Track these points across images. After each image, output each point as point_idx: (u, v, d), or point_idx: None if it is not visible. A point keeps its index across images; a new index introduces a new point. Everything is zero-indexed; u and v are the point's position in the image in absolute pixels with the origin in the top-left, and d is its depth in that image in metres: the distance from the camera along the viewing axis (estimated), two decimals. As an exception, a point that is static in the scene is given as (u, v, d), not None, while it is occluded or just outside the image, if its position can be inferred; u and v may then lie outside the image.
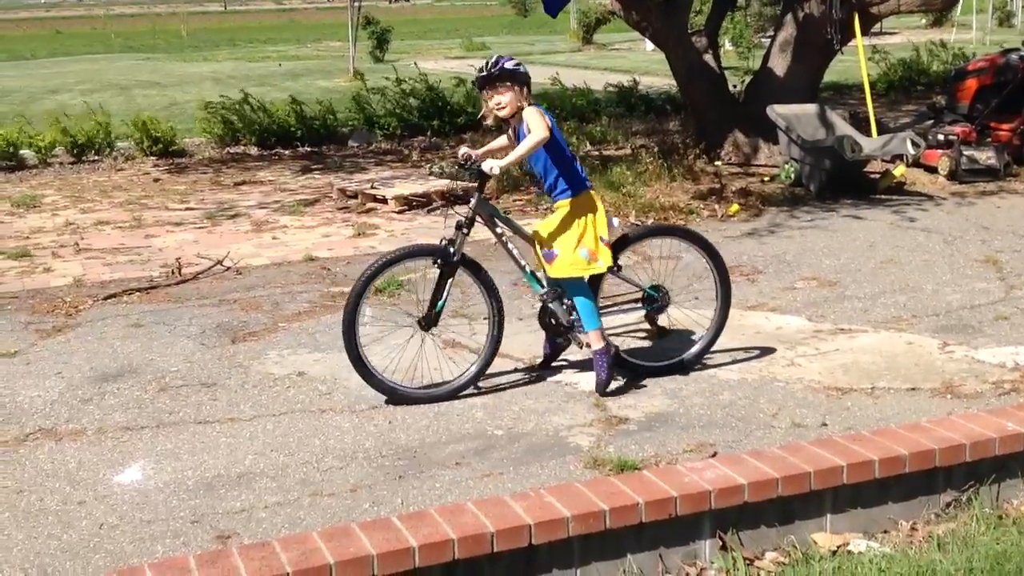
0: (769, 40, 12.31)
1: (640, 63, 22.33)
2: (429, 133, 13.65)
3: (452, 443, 4.63)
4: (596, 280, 5.25)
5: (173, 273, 7.43)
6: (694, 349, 5.44)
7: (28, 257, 8.06)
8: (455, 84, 14.57)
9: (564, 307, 5.23)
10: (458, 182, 4.96)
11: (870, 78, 11.27)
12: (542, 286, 5.29)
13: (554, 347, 5.48)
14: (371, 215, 9.36)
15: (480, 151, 5.33)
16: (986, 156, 10.17)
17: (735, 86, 12.71)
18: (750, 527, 3.88)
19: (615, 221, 5.60)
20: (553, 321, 5.30)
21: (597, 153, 11.40)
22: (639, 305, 5.43)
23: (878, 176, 9.90)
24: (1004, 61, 10.83)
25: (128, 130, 12.87)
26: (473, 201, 5.18)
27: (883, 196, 9.52)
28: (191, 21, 47.25)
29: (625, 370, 5.31)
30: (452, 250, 5.08)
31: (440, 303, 5.12)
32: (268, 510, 4.05)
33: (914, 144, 9.68)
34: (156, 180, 11.37)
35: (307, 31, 42.59)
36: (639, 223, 8.47)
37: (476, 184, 5.22)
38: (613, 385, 5.15)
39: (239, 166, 12.17)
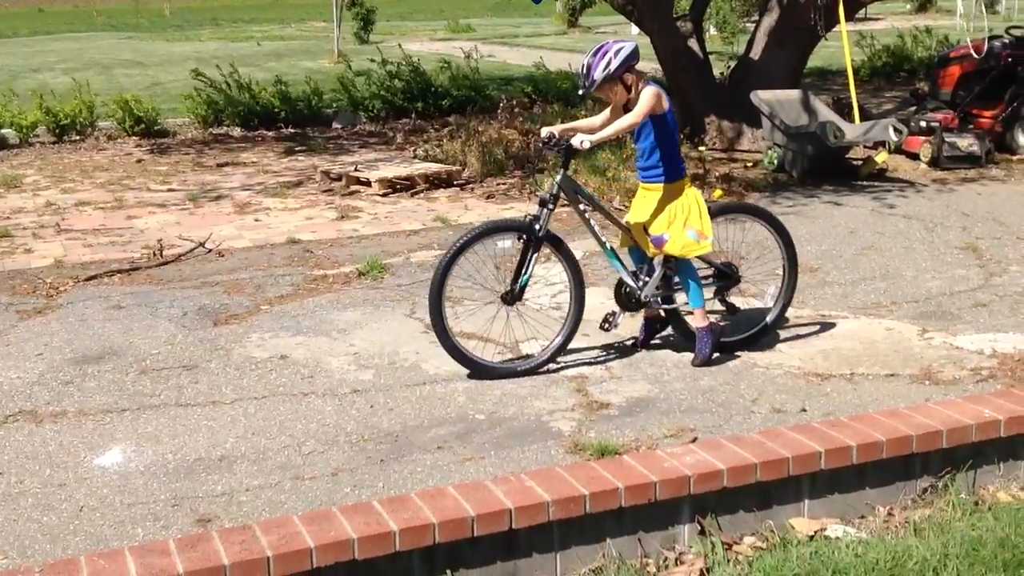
0: (754, 25, 12.31)
1: (625, 47, 22.29)
2: (414, 115, 13.62)
3: (434, 427, 4.64)
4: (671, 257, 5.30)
5: (155, 255, 7.40)
6: (764, 322, 5.57)
7: (8, 238, 8.02)
8: (440, 66, 14.54)
9: (644, 282, 5.31)
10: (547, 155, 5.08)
11: (854, 64, 11.29)
12: (621, 262, 5.35)
13: (650, 330, 5.54)
14: (355, 198, 9.34)
15: (559, 127, 5.36)
16: (968, 143, 10.22)
17: (721, 72, 12.71)
18: (728, 512, 3.91)
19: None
20: (626, 292, 5.37)
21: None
22: (711, 282, 5.52)
23: (860, 162, 9.94)
24: (987, 48, 10.87)
25: (110, 110, 12.80)
26: (558, 178, 5.21)
27: (865, 182, 9.56)
28: (174, 0, 46.89)
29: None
30: (537, 226, 5.10)
31: (524, 278, 5.17)
32: (249, 493, 4.06)
33: (896, 131, 9.72)
34: (138, 161, 11.32)
35: (291, 11, 42.35)
36: (623, 208, 8.48)
37: (561, 161, 5.26)
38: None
39: (222, 147, 12.12)
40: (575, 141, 5.04)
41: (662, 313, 5.46)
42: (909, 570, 3.56)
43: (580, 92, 5.33)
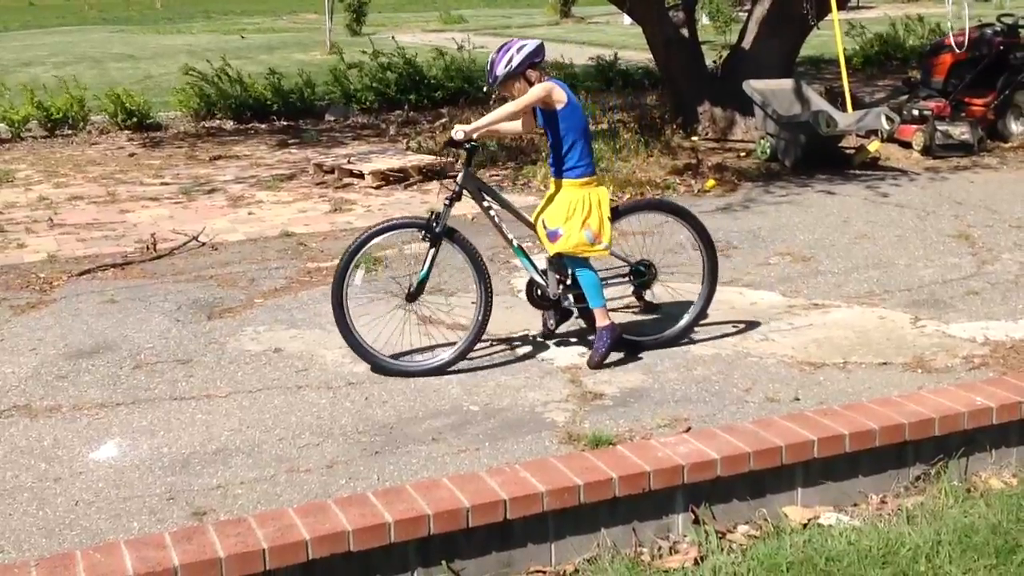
0: (746, 15, 12.31)
1: (618, 37, 22.29)
2: (406, 107, 13.60)
3: (428, 419, 4.65)
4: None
5: (148, 249, 7.40)
6: (681, 323, 5.48)
7: (1, 232, 8.01)
8: (433, 58, 14.52)
9: (555, 279, 5.26)
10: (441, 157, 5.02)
11: (846, 53, 11.30)
12: (530, 261, 5.32)
13: (562, 314, 5.47)
14: (348, 190, 9.34)
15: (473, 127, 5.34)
16: (960, 131, 10.24)
17: (713, 61, 12.72)
18: (722, 501, 3.92)
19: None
20: (539, 293, 5.34)
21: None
22: (626, 280, 5.47)
23: (853, 151, 9.95)
24: (979, 36, 10.88)
25: (103, 104, 12.77)
26: (461, 175, 5.20)
27: (858, 171, 9.58)
28: (166, -7, 46.74)
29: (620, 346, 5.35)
30: (438, 223, 5.09)
31: (423, 275, 5.15)
32: (244, 486, 4.07)
33: (889, 119, 9.73)
34: (131, 154, 11.30)
35: (283, 3, 42.17)
36: (616, 198, 8.49)
37: (464, 158, 5.23)
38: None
39: (215, 140, 12.11)
40: (453, 133, 5.03)
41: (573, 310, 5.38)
42: (902, 557, 3.58)
43: (485, 89, 5.34)
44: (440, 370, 5.11)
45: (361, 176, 9.57)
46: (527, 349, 5.44)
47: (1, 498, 4.01)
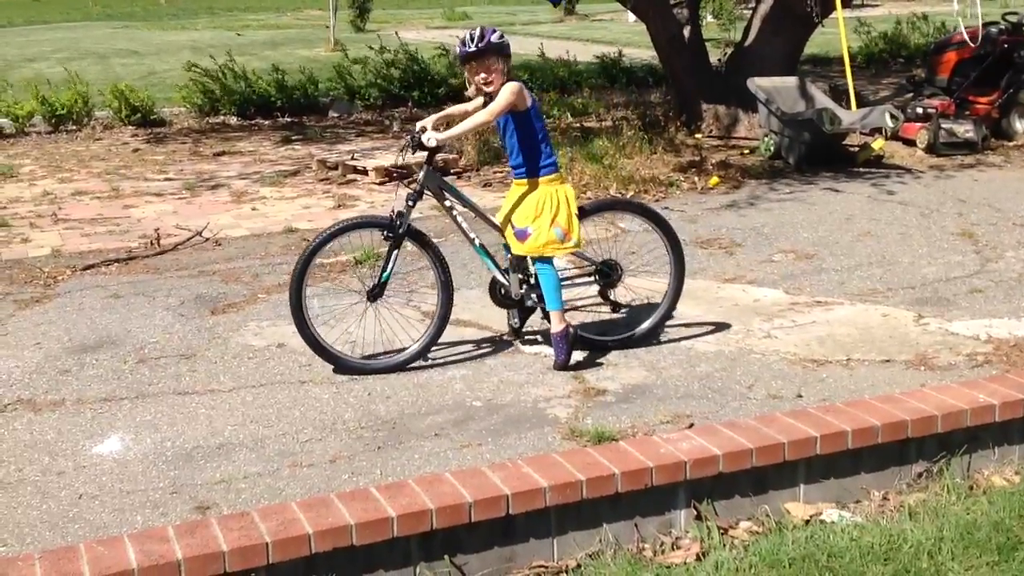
0: (751, 12, 12.30)
1: (622, 34, 22.28)
2: (410, 104, 13.61)
3: (431, 414, 4.65)
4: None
5: (152, 244, 7.41)
6: (647, 323, 5.46)
7: (5, 227, 8.02)
8: (437, 54, 14.52)
9: (519, 279, 5.24)
10: (407, 154, 5.01)
11: (851, 51, 11.29)
12: (492, 260, 5.30)
13: (525, 312, 5.43)
14: (351, 186, 9.35)
15: (432, 118, 5.32)
16: (964, 129, 10.22)
17: (718, 59, 12.71)
18: (724, 497, 3.93)
19: None
20: (503, 292, 5.32)
21: (579, 125, 11.40)
22: (592, 280, 5.45)
23: (857, 149, 9.94)
24: (984, 34, 10.86)
25: (107, 99, 12.78)
26: (421, 174, 5.19)
27: (862, 169, 9.57)
28: (170, -11, 46.74)
29: (582, 344, 5.34)
30: (399, 222, 5.08)
31: (385, 275, 5.14)
32: (247, 481, 4.07)
33: (893, 117, 9.72)
34: (135, 150, 11.31)
35: None
36: (620, 195, 8.49)
37: (425, 157, 5.18)
38: (572, 361, 5.17)
39: (219, 136, 12.11)
40: (424, 139, 4.97)
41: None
42: (904, 554, 3.58)
43: (460, 58, 5.17)
44: (400, 366, 5.10)
45: (365, 172, 9.57)
46: (530, 345, 5.45)
47: (5, 491, 4.02)
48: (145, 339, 5.62)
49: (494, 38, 5.03)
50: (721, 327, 5.64)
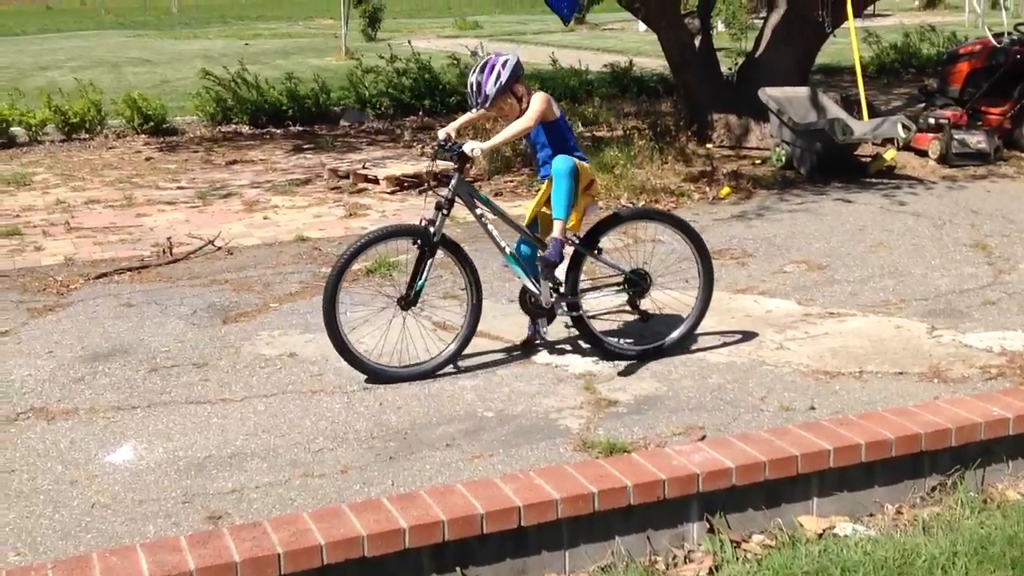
0: (762, 22, 12.30)
1: (632, 44, 22.29)
2: (421, 113, 13.63)
3: (443, 424, 4.65)
4: (578, 262, 5.28)
5: (164, 253, 7.43)
6: (675, 334, 5.46)
7: (19, 235, 8.05)
8: (448, 63, 14.54)
9: (549, 288, 5.25)
10: (438, 163, 5.02)
11: (862, 61, 11.28)
12: (523, 268, 5.31)
13: (549, 317, 5.44)
14: (363, 195, 9.36)
15: (454, 125, 5.37)
16: (977, 140, 10.19)
17: (728, 68, 12.70)
18: (737, 510, 3.91)
19: (594, 208, 5.64)
20: (532, 301, 5.33)
21: (589, 134, 11.39)
22: (620, 289, 5.45)
23: (869, 159, 9.92)
24: (995, 45, 10.84)
25: (119, 108, 12.83)
26: (453, 182, 5.20)
27: (873, 179, 9.55)
28: (182, -3, 46.95)
29: (605, 354, 5.34)
30: (432, 230, 5.09)
31: (420, 283, 5.15)
32: (259, 491, 4.08)
33: (905, 127, 9.69)
34: (147, 159, 11.35)
35: (298, 8, 42.32)
36: (631, 204, 8.49)
37: (456, 165, 5.22)
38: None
39: (231, 145, 12.14)
40: (466, 148, 5.03)
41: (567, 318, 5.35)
42: (918, 568, 3.56)
43: (473, 110, 5.32)
44: (428, 374, 5.13)
45: (376, 181, 9.59)
46: (541, 355, 5.44)
47: (18, 500, 4.03)
48: (157, 348, 5.63)
49: (490, 89, 5.12)
50: (733, 338, 5.63)
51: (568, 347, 5.52)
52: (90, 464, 4.32)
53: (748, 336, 5.66)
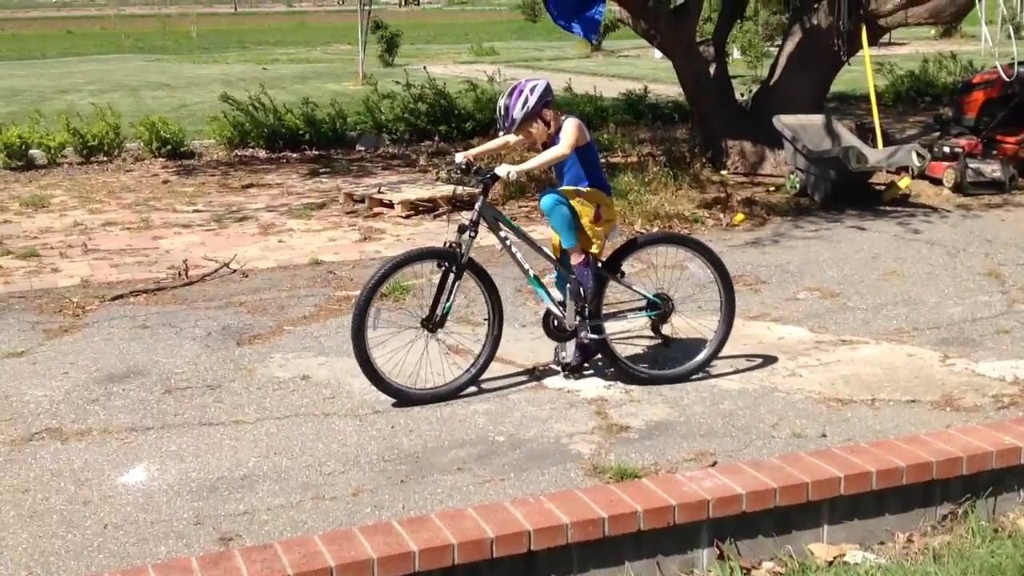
0: (777, 49, 12.34)
1: (648, 71, 22.36)
2: (437, 138, 13.69)
3: (454, 448, 4.66)
4: (600, 285, 5.30)
5: (180, 275, 7.48)
6: (698, 359, 5.47)
7: (36, 257, 8.12)
8: (464, 89, 14.61)
9: (573, 310, 5.27)
10: (463, 187, 5.05)
11: (877, 89, 11.29)
12: (547, 291, 5.35)
13: (583, 353, 5.48)
14: (378, 219, 9.41)
15: (474, 152, 5.43)
16: (992, 169, 10.19)
17: (742, 95, 12.73)
18: (747, 536, 3.91)
19: (617, 229, 5.67)
20: (556, 324, 5.35)
21: (604, 160, 11.40)
22: (642, 312, 5.47)
23: (883, 187, 9.92)
24: (1012, 74, 10.83)
25: (137, 131, 12.93)
26: (478, 205, 5.24)
27: (888, 208, 9.55)
28: (201, 22, 47.37)
29: (627, 378, 5.36)
30: (460, 252, 5.13)
31: (447, 305, 5.18)
32: (271, 513, 4.09)
33: (920, 156, 9.70)
34: (165, 182, 11.43)
35: (317, 34, 42.63)
36: (644, 231, 8.51)
37: (481, 189, 5.27)
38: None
39: (247, 168, 12.23)
40: (500, 171, 5.09)
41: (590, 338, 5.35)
42: (928, 597, 3.55)
43: (501, 133, 5.38)
44: (451, 395, 5.17)
45: (391, 206, 9.64)
46: (553, 380, 5.45)
47: (31, 520, 4.06)
48: (172, 369, 5.67)
49: (517, 114, 5.18)
50: (745, 364, 5.63)
51: (580, 373, 5.53)
52: (103, 485, 4.35)
53: (760, 363, 5.66)
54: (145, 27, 48.47)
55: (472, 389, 5.29)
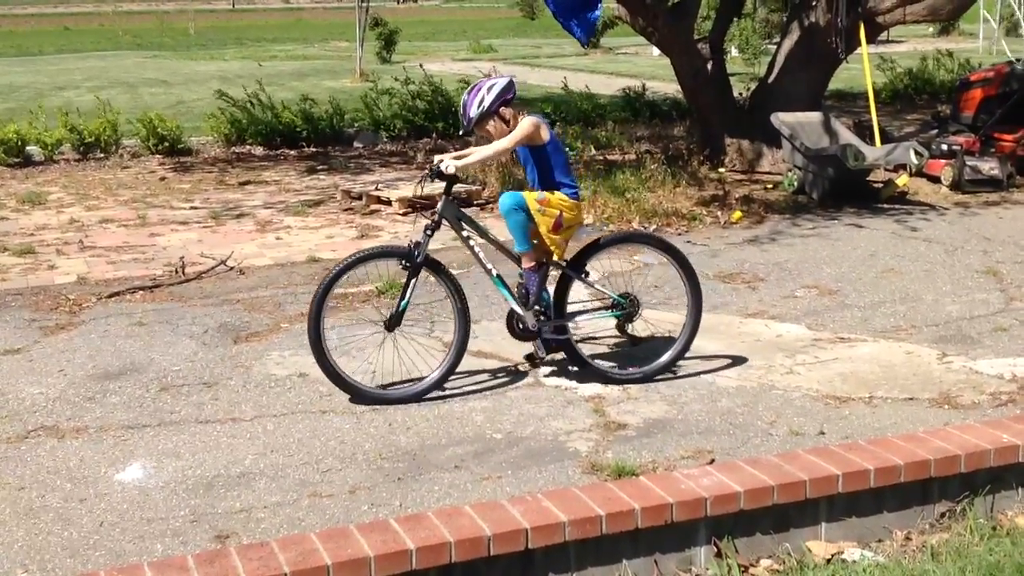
0: (775, 47, 12.33)
1: (646, 68, 22.36)
2: (434, 135, 13.68)
3: (451, 446, 4.65)
4: (565, 286, 5.29)
5: (177, 272, 7.46)
6: (665, 356, 5.45)
7: (32, 254, 8.10)
8: (461, 87, 14.59)
9: (535, 311, 5.25)
10: (424, 185, 5.09)
11: (875, 87, 11.29)
12: (510, 292, 5.32)
13: (546, 344, 5.43)
14: (375, 217, 9.40)
15: (454, 155, 5.44)
16: (989, 167, 10.19)
17: (740, 93, 12.72)
18: (745, 534, 3.90)
19: (585, 230, 5.64)
20: (520, 326, 5.33)
21: (602, 158, 11.43)
22: (607, 312, 5.45)
23: (881, 185, 9.92)
24: (1009, 71, 10.84)
25: (135, 128, 12.91)
26: (440, 204, 5.24)
27: (885, 205, 9.54)
28: (199, 19, 47.32)
29: (596, 377, 5.34)
30: (417, 252, 5.11)
31: (403, 303, 5.16)
32: (267, 510, 4.08)
33: (917, 154, 9.70)
34: (162, 178, 11.42)
35: (315, 31, 42.61)
36: (643, 228, 8.50)
37: (445, 187, 5.25)
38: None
39: (244, 165, 12.21)
40: (443, 165, 5.09)
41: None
42: (926, 595, 3.54)
43: (461, 132, 5.39)
44: (416, 397, 5.13)
45: (388, 203, 9.62)
46: (551, 378, 5.45)
47: (27, 518, 4.05)
48: (168, 367, 5.65)
49: (473, 112, 5.19)
50: (743, 362, 5.63)
51: (577, 369, 5.52)
52: (99, 482, 4.34)
53: (758, 360, 5.65)
54: (143, 24, 48.41)
55: (471, 387, 5.28)
